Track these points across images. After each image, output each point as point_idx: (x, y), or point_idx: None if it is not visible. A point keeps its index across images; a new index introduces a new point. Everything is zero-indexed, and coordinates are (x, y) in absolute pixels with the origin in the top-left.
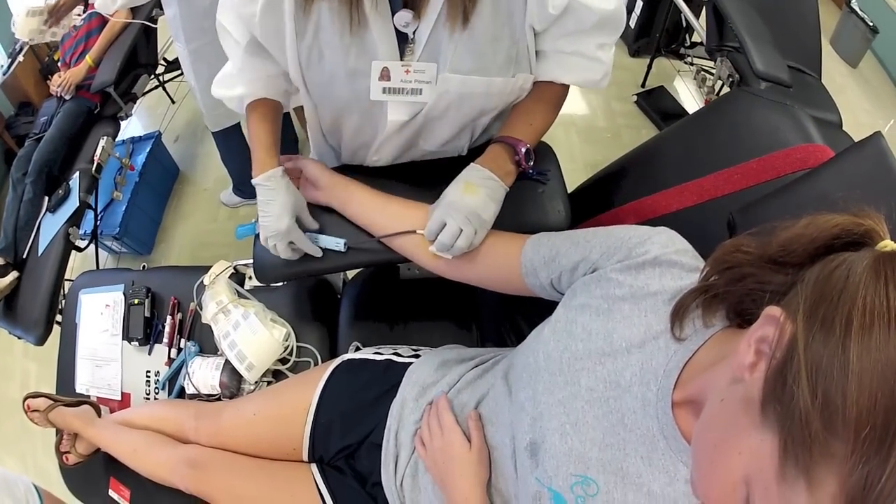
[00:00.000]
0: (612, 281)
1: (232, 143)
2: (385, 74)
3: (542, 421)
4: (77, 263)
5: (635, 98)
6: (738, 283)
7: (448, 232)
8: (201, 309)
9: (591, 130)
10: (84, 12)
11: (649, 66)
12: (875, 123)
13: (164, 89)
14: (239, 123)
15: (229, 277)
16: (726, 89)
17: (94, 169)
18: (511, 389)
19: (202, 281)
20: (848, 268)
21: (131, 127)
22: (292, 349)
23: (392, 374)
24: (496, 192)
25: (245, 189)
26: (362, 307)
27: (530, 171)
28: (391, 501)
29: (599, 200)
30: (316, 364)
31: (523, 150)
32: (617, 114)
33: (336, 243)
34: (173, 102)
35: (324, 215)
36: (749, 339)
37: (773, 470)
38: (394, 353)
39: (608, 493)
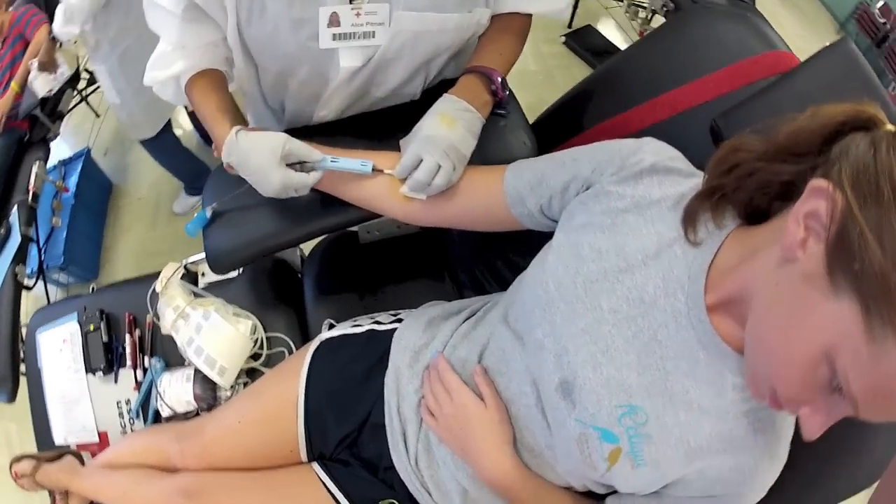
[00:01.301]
0: (611, 194)
1: (166, 145)
2: (334, 20)
3: (568, 356)
4: (29, 306)
5: (563, 39)
6: (748, 179)
7: (424, 168)
8: (159, 319)
9: (523, 74)
10: (2, 44)
11: (575, 7)
12: (811, 49)
13: (87, 103)
14: (167, 124)
15: (181, 279)
16: (660, 20)
17: (30, 199)
18: (519, 332)
19: (154, 288)
20: (872, 144)
21: (58, 150)
22: (262, 341)
23: (377, 345)
24: (474, 125)
25: (197, 185)
26: (327, 281)
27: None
28: (409, 483)
29: (566, 126)
30: (291, 353)
31: (499, 78)
32: (547, 56)
33: (361, 165)
34: (98, 116)
35: None
36: (796, 216)
37: (860, 333)
38: (374, 322)
39: (658, 418)
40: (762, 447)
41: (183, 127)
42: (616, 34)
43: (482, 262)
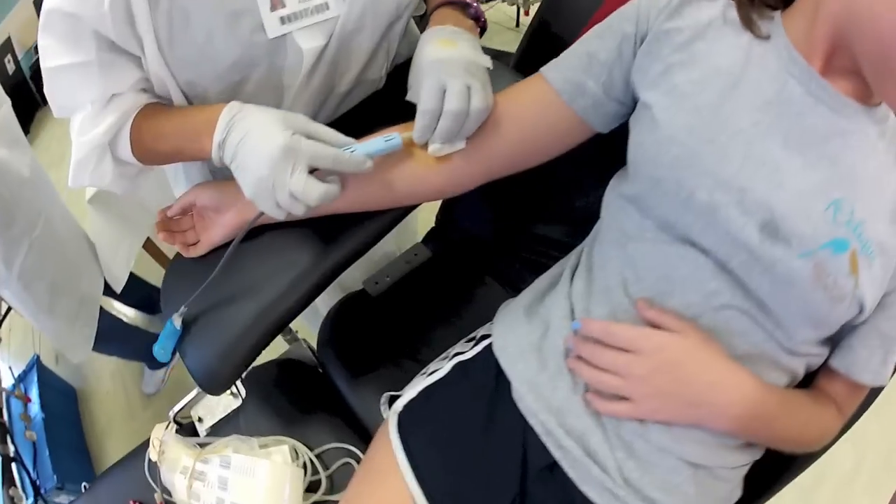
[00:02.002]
0: (670, 32)
1: (110, 339)
2: (276, 1)
3: (749, 194)
4: None
5: None
6: None
7: (454, 93)
8: (171, 494)
9: None
10: None
11: None
12: None
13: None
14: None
15: (177, 434)
16: None
17: None
18: (661, 229)
19: (149, 459)
20: None
21: (10, 368)
22: (312, 463)
23: (477, 375)
24: (474, 42)
25: (155, 359)
26: (358, 359)
27: None
28: None
29: (551, 46)
30: (359, 460)
31: (473, 1)
32: None
33: (386, 141)
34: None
35: (264, 239)
36: None
37: None
38: (454, 357)
39: (857, 199)
40: None
41: (124, 313)
42: (499, 37)
43: (525, 243)
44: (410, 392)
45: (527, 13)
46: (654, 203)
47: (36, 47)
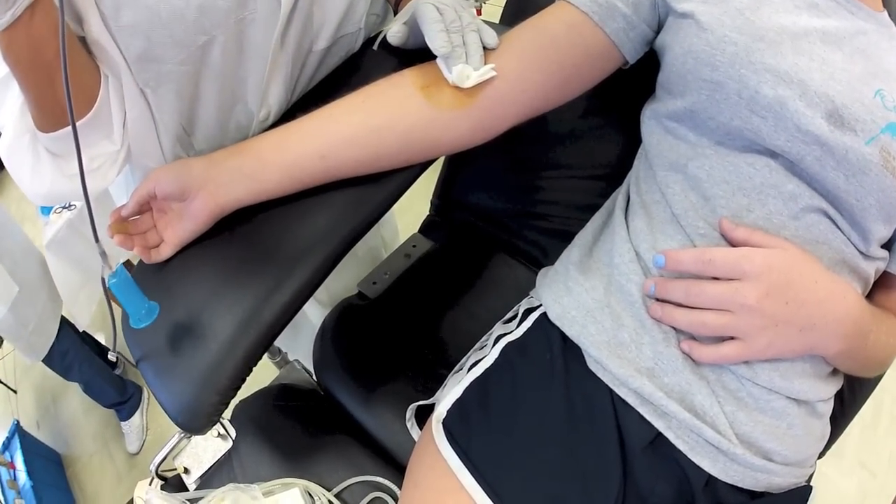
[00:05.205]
0: None
1: (65, 349)
2: None
3: (809, 86)
4: None
5: None
6: None
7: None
8: None
9: None
10: None
11: None
12: None
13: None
14: (61, 331)
15: (161, 490)
16: None
17: None
18: (718, 144)
19: None
20: None
21: None
22: None
23: (537, 354)
24: None
25: (124, 401)
26: (367, 373)
27: None
28: (743, 476)
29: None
30: (391, 494)
31: None
32: None
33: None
34: (14, 391)
35: (237, 232)
36: None
37: None
38: (498, 341)
39: (894, 88)
40: None
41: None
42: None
43: (547, 205)
44: (452, 393)
45: (479, 12)
46: (715, 112)
47: None
